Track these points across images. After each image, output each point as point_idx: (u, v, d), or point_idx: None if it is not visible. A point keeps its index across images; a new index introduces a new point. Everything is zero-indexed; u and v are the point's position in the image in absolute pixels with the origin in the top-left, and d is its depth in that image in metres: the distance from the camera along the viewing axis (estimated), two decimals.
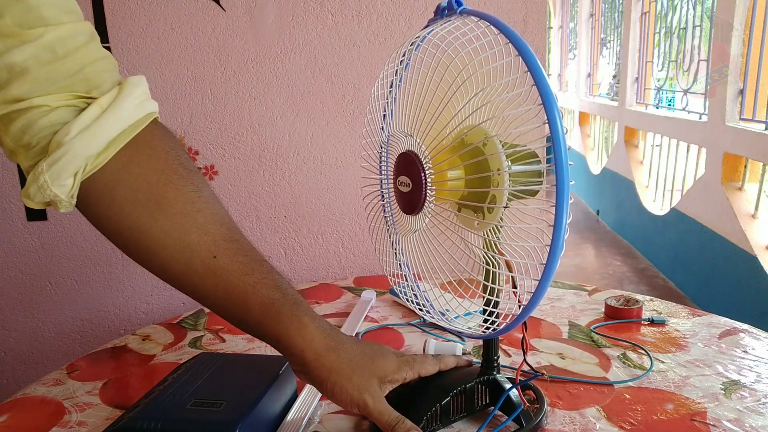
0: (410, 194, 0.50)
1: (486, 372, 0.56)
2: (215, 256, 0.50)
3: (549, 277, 0.43)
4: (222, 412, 0.49)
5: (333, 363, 0.51)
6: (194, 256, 0.50)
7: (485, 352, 0.57)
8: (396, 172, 0.52)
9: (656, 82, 4.21)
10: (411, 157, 0.49)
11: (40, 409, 0.62)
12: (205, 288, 0.51)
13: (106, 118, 0.47)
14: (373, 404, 0.50)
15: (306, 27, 1.03)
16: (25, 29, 0.43)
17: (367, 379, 0.51)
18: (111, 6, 1.00)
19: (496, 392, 0.56)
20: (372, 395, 0.50)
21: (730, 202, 2.92)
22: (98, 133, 0.47)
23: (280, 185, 1.09)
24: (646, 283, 3.68)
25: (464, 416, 0.56)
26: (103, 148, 0.47)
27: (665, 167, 3.96)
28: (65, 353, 1.12)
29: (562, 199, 0.41)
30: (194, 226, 0.50)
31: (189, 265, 0.50)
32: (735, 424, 0.55)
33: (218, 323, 0.83)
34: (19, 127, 0.46)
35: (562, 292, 0.92)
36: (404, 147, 0.51)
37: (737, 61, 2.91)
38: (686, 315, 0.81)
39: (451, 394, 0.54)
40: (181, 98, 1.04)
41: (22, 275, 1.08)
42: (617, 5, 5.04)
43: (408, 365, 0.54)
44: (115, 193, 0.49)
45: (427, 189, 0.48)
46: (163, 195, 0.50)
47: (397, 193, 0.52)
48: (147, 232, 0.49)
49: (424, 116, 0.49)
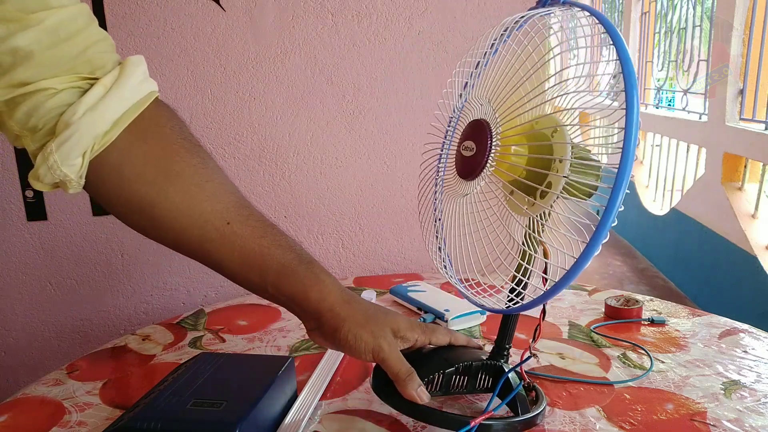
0: (472, 158, 0.50)
1: (494, 357, 0.57)
2: (228, 222, 0.51)
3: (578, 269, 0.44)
4: (222, 412, 0.49)
5: (348, 313, 0.52)
6: (208, 225, 0.51)
7: (499, 338, 0.57)
8: (463, 137, 0.53)
9: (656, 82, 4.21)
10: (482, 124, 0.50)
11: (40, 409, 0.62)
12: (221, 255, 0.52)
13: (111, 98, 0.48)
14: (388, 350, 0.51)
15: (306, 27, 1.03)
16: (27, 13, 0.44)
17: (381, 327, 0.52)
18: (111, 6, 1.00)
19: (499, 379, 0.56)
20: (387, 342, 0.51)
21: (730, 202, 2.92)
22: (104, 112, 0.48)
23: (280, 185, 1.09)
24: (646, 283, 3.68)
25: (464, 392, 0.56)
26: (109, 126, 0.48)
27: (665, 167, 3.96)
28: (65, 353, 1.12)
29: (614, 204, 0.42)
30: (205, 195, 0.51)
31: (204, 233, 0.51)
32: (735, 424, 0.55)
33: (218, 323, 0.83)
34: (24, 110, 0.46)
35: (562, 292, 0.92)
36: (478, 115, 0.52)
37: (737, 61, 2.91)
38: (686, 315, 0.81)
39: (456, 366, 0.54)
40: (181, 98, 1.04)
41: (22, 275, 1.08)
42: (617, 5, 5.04)
43: (420, 329, 0.55)
44: (123, 171, 0.49)
45: (490, 155, 0.49)
46: (170, 168, 0.51)
47: (458, 157, 0.53)
48: (158, 206, 0.50)
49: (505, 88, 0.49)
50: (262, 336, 0.78)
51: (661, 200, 4.03)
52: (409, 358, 0.53)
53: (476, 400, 0.60)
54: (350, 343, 0.51)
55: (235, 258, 0.52)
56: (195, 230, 0.51)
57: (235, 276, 0.53)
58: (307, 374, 0.66)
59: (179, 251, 0.53)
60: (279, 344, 0.76)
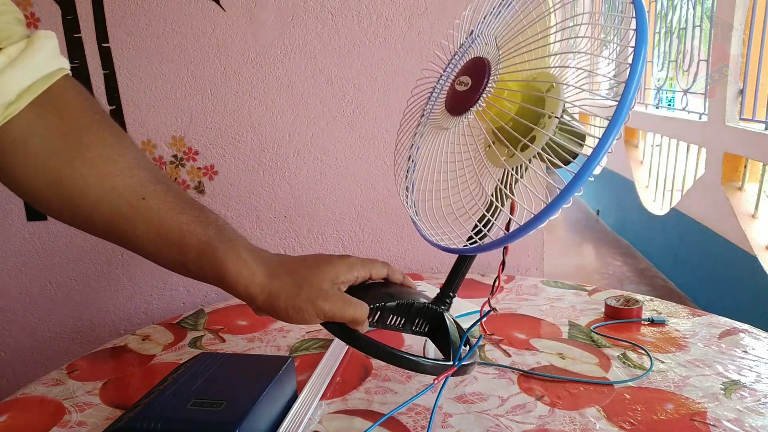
0: (464, 94, 0.49)
1: (436, 303, 0.56)
2: (144, 197, 0.48)
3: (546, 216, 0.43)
4: (222, 412, 0.49)
5: (279, 289, 0.49)
6: (121, 200, 0.48)
7: (446, 285, 0.56)
8: (460, 72, 0.51)
9: (656, 82, 4.21)
10: (483, 62, 0.49)
11: (40, 409, 0.62)
12: (136, 233, 0.49)
13: (15, 68, 0.45)
14: (331, 308, 0.49)
15: (306, 27, 1.03)
16: None
17: (317, 288, 0.50)
18: (111, 6, 1.00)
19: (436, 326, 0.55)
20: (326, 299, 0.49)
21: (730, 202, 2.92)
22: (8, 82, 0.45)
23: (280, 185, 1.09)
24: (646, 283, 3.68)
25: (399, 329, 0.56)
26: (14, 98, 0.45)
27: (665, 167, 3.96)
28: (65, 353, 1.12)
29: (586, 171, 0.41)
30: (116, 169, 0.48)
31: (116, 210, 0.48)
32: (735, 424, 0.55)
33: (218, 323, 0.83)
34: None
35: (562, 292, 0.92)
36: (482, 53, 0.51)
37: (737, 61, 2.91)
38: (686, 315, 0.81)
39: (397, 302, 0.53)
40: (181, 98, 1.04)
41: (22, 275, 1.08)
42: (617, 5, 5.03)
43: (360, 264, 0.54)
44: (29, 145, 0.47)
45: (483, 93, 0.47)
46: (80, 141, 0.48)
47: (451, 91, 0.52)
48: (67, 182, 0.47)
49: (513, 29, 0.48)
50: (262, 336, 0.78)
51: (661, 200, 4.03)
52: (352, 291, 0.52)
53: None
54: (293, 317, 0.50)
55: (151, 235, 0.49)
56: (106, 206, 0.48)
57: (154, 255, 0.50)
58: (307, 374, 0.66)
59: (93, 233, 0.50)
60: (279, 344, 0.76)
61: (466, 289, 0.95)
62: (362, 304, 0.50)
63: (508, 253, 0.52)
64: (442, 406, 0.59)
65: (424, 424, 0.57)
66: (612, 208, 4.99)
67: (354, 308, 0.50)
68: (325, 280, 0.51)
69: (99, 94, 1.03)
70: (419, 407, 0.60)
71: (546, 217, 0.43)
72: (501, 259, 0.53)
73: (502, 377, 0.65)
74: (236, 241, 0.50)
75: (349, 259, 0.53)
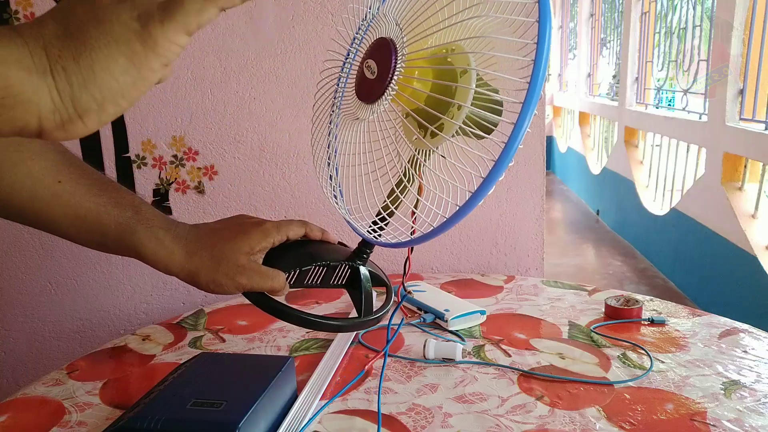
0: (372, 82, 0.47)
1: (353, 259, 0.57)
2: (60, 180, 0.49)
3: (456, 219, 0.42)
4: (222, 412, 0.49)
5: (198, 266, 0.51)
6: (37, 184, 0.48)
7: (361, 244, 0.57)
8: (366, 54, 0.49)
9: (656, 82, 4.21)
10: (389, 45, 0.46)
11: (40, 409, 0.62)
12: (53, 215, 0.49)
13: None
14: (248, 281, 0.51)
15: (306, 27, 1.03)
16: None
17: (234, 262, 0.51)
18: None
19: (354, 279, 0.57)
20: (243, 273, 0.51)
21: (730, 202, 2.92)
22: None
23: (280, 185, 1.09)
24: (646, 283, 3.68)
25: (318, 286, 0.57)
26: None
27: (665, 167, 3.96)
28: (65, 353, 1.12)
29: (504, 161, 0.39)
30: (30, 152, 0.48)
31: (33, 193, 0.48)
32: (735, 424, 0.55)
33: (218, 323, 0.83)
34: None
35: (562, 292, 0.92)
36: (386, 34, 0.48)
37: (737, 61, 2.91)
38: (686, 315, 0.81)
39: (315, 264, 0.55)
40: (181, 98, 1.04)
41: (22, 275, 1.08)
42: (617, 5, 5.04)
43: (275, 229, 0.55)
44: None
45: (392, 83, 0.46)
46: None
47: (359, 76, 0.49)
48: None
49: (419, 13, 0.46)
50: (262, 336, 0.78)
51: (661, 200, 4.03)
52: (271, 255, 0.54)
53: None
54: (214, 290, 0.51)
55: (69, 218, 0.49)
56: (23, 190, 0.48)
57: (73, 237, 0.51)
58: (307, 374, 0.66)
59: (10, 218, 0.50)
60: (279, 344, 0.76)
61: (466, 288, 0.95)
62: (279, 274, 0.52)
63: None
64: (442, 406, 0.60)
65: (424, 424, 0.57)
66: (612, 208, 4.99)
67: (271, 280, 0.51)
68: (241, 253, 0.52)
69: None
70: (419, 407, 0.60)
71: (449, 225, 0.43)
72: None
73: (502, 377, 0.65)
74: (153, 222, 0.51)
75: (263, 225, 0.55)
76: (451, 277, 1.01)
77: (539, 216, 1.11)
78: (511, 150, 0.39)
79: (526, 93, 0.38)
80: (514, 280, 0.98)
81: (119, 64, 0.30)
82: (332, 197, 0.55)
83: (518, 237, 1.11)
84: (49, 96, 0.29)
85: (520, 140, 0.39)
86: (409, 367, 0.68)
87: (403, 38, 0.46)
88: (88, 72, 0.30)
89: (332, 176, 0.56)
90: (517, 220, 1.10)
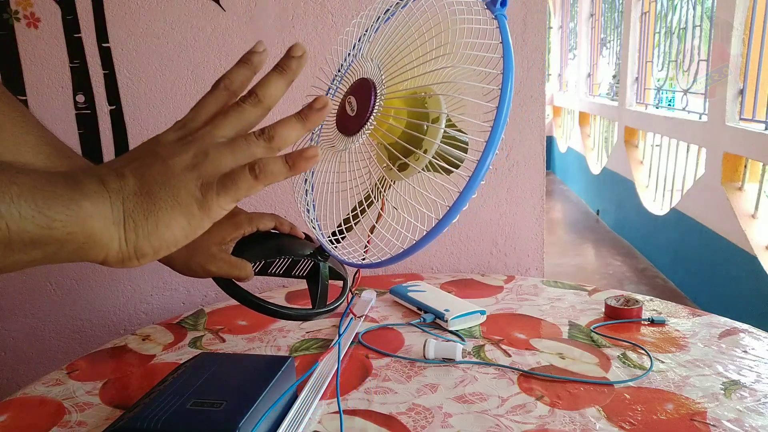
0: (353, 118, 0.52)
1: (315, 256, 0.61)
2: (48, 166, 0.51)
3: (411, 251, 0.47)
4: (222, 412, 0.49)
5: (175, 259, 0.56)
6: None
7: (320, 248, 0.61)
8: (348, 91, 0.54)
9: (656, 82, 4.21)
10: (369, 85, 0.51)
11: (40, 409, 0.62)
12: None
13: None
14: (217, 270, 0.56)
15: (306, 27, 1.03)
16: None
17: (206, 252, 0.56)
18: (111, 6, 1.00)
19: (314, 274, 0.62)
20: (214, 263, 0.56)
21: (730, 202, 2.93)
22: None
23: (280, 185, 1.09)
24: (646, 283, 3.69)
25: (281, 276, 0.62)
26: None
27: (665, 167, 3.96)
28: (65, 353, 1.12)
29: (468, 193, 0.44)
30: (26, 146, 0.51)
31: None
32: (735, 424, 0.55)
33: (218, 323, 0.83)
34: None
35: (562, 292, 0.92)
36: (367, 74, 0.53)
37: (737, 61, 2.91)
38: (686, 315, 0.81)
39: (280, 257, 0.60)
40: (181, 98, 1.04)
41: (22, 275, 1.08)
42: (617, 5, 5.04)
43: (247, 221, 0.59)
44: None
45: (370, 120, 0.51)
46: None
47: (340, 110, 0.55)
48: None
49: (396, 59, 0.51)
50: (262, 336, 0.78)
51: (661, 200, 4.03)
52: (241, 244, 0.58)
53: None
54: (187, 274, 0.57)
55: None
56: None
57: None
58: (307, 374, 0.66)
59: None
60: (279, 344, 0.76)
61: (466, 288, 0.95)
62: (245, 264, 0.57)
63: None
64: (442, 406, 0.60)
65: (424, 424, 0.57)
66: (612, 208, 4.99)
67: (238, 270, 0.56)
68: (212, 243, 0.56)
69: (99, 94, 1.03)
70: (419, 407, 0.60)
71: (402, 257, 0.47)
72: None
73: (502, 377, 0.65)
74: None
75: (236, 218, 0.59)
76: (451, 277, 1.01)
77: (539, 216, 1.11)
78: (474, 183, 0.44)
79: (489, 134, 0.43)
80: (514, 280, 0.98)
81: (179, 223, 0.36)
82: (305, 211, 0.60)
83: (518, 237, 1.11)
84: (117, 242, 0.35)
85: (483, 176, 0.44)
86: (409, 367, 0.68)
87: (382, 79, 0.51)
88: (153, 227, 0.36)
89: (308, 191, 0.62)
90: (517, 220, 1.10)
